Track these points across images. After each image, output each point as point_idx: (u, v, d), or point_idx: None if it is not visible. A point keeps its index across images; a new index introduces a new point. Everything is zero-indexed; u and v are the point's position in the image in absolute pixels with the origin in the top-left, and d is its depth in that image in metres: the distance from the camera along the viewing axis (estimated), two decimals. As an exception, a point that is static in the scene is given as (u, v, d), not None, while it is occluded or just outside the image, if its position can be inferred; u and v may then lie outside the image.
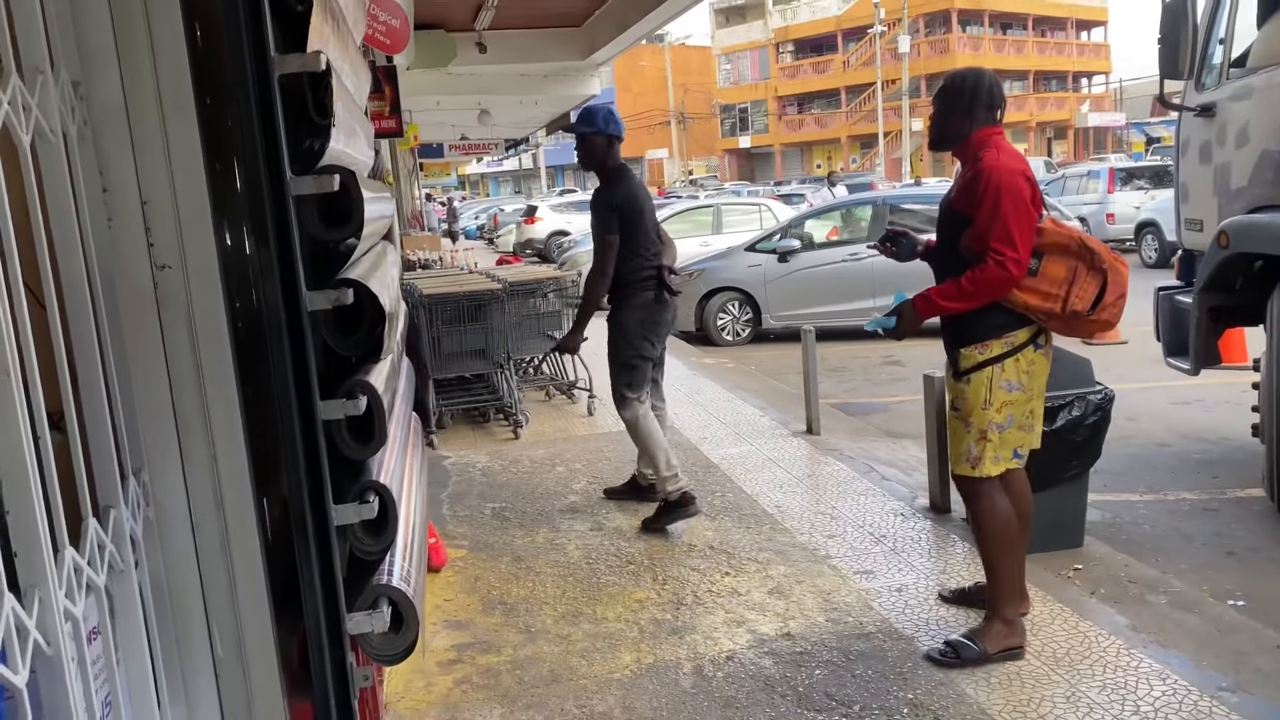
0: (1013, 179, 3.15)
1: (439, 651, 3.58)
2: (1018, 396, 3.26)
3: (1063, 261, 3.18)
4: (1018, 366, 3.23)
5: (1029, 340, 3.24)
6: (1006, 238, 3.11)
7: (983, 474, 3.30)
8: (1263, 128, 4.81)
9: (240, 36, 1.46)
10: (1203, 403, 6.86)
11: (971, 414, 3.28)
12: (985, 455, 3.28)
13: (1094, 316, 3.20)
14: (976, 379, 3.25)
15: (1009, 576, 3.36)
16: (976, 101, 3.29)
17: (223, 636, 1.58)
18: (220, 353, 1.52)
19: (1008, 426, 3.28)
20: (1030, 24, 49.90)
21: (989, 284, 3.15)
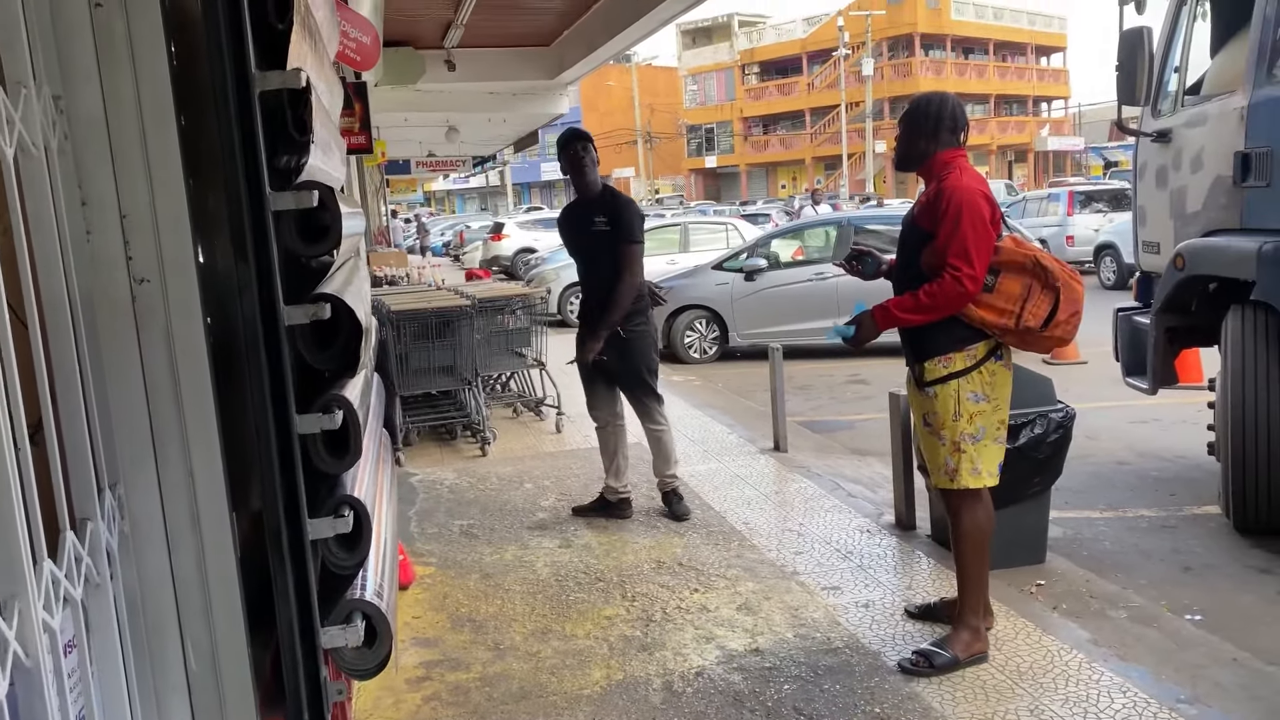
0: (973, 198, 3.25)
1: (407, 669, 3.57)
2: (985, 407, 3.35)
3: (1018, 279, 3.27)
4: (981, 378, 3.33)
5: (989, 353, 3.34)
6: (964, 254, 3.21)
7: (961, 485, 3.37)
8: (1216, 153, 4.94)
9: (221, 53, 1.47)
10: (1160, 422, 6.99)
11: (944, 427, 3.36)
12: (961, 467, 3.36)
13: (1047, 333, 3.29)
14: (944, 392, 3.33)
15: (975, 586, 3.44)
16: (940, 124, 3.39)
17: (196, 650, 1.58)
18: (197, 366, 1.53)
19: (981, 438, 3.35)
20: (991, 49, 50.75)
21: (945, 298, 3.25)
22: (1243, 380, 4.57)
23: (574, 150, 4.90)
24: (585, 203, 4.99)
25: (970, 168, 3.41)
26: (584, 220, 4.96)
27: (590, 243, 4.95)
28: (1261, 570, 4.41)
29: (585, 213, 4.96)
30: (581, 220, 4.98)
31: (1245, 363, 4.57)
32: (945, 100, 3.45)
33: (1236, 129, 4.71)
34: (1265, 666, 3.41)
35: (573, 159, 4.90)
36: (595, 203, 4.94)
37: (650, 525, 5.06)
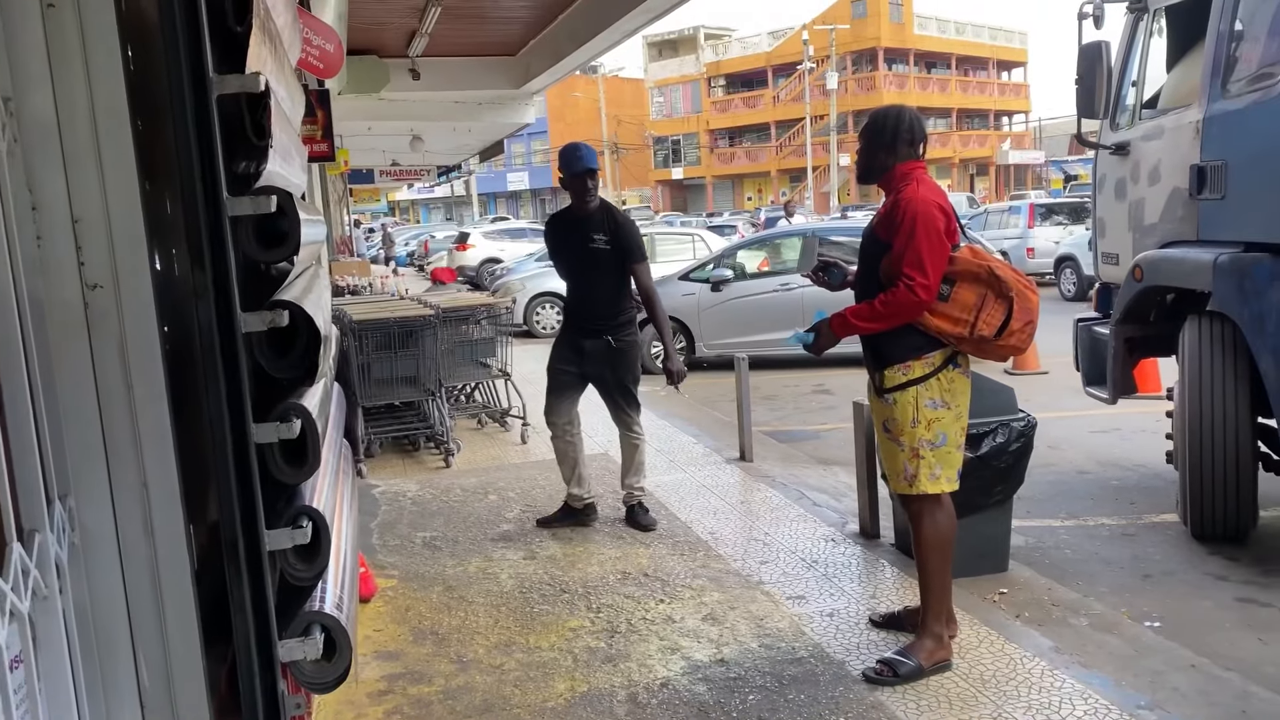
0: (929, 210, 3.30)
1: (369, 682, 3.52)
2: (943, 414, 3.38)
3: (973, 289, 3.32)
4: (939, 385, 3.37)
5: (946, 361, 3.38)
6: (918, 264, 3.25)
7: (920, 491, 3.40)
8: (1173, 166, 5.02)
9: (178, 55, 1.45)
10: (1120, 431, 7.08)
11: (903, 433, 3.39)
12: (920, 473, 3.39)
13: (1001, 341, 3.33)
14: (902, 399, 3.37)
15: (944, 592, 3.46)
16: (898, 138, 3.45)
17: (149, 665, 1.54)
18: (152, 374, 1.49)
19: (940, 444, 3.38)
20: (953, 63, 51.43)
21: (900, 307, 3.30)
22: (1199, 390, 4.64)
23: (583, 183, 4.94)
24: (582, 218, 5.00)
25: (928, 179, 3.46)
26: (581, 236, 4.97)
27: (589, 259, 4.96)
28: (1218, 577, 4.47)
29: (582, 229, 4.98)
30: (578, 236, 4.99)
31: (1202, 372, 4.64)
32: (903, 114, 3.50)
33: (1192, 142, 4.80)
34: (1222, 672, 3.45)
35: (580, 190, 4.96)
36: (593, 219, 4.98)
37: (616, 536, 5.04)
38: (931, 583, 3.46)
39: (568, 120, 52.90)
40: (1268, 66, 4.41)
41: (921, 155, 3.49)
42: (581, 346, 5.05)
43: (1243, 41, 4.68)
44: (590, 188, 4.97)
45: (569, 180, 4.98)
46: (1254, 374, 4.40)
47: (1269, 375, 4.23)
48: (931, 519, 3.44)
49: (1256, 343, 4.29)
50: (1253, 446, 4.61)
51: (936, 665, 3.38)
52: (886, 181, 3.48)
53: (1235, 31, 4.69)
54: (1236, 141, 4.55)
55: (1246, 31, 4.67)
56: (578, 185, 4.96)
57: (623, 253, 4.96)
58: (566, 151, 5.04)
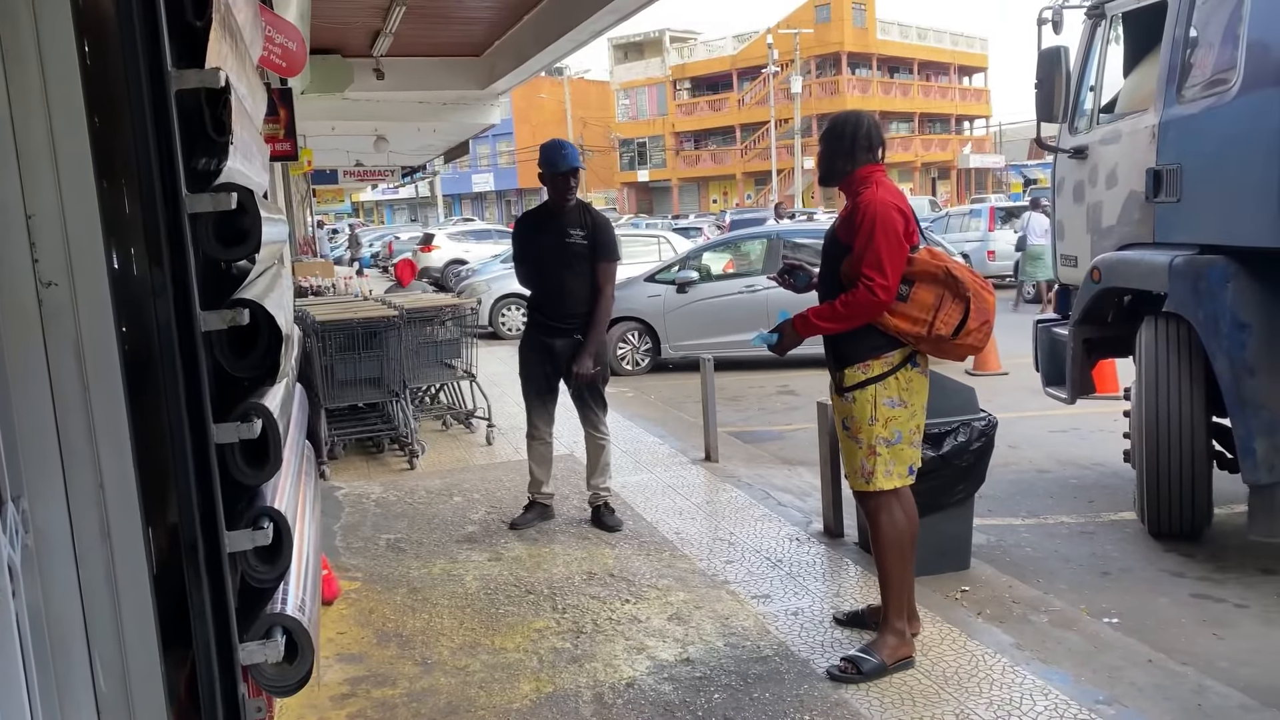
0: (887, 212, 3.36)
1: (332, 685, 3.49)
2: (901, 412, 3.43)
3: (931, 289, 3.37)
4: (897, 384, 3.42)
5: (905, 360, 3.43)
6: (877, 265, 3.31)
7: (876, 487, 3.45)
8: (1129, 170, 5.10)
9: (135, 50, 1.43)
10: (1078, 430, 7.18)
11: (860, 430, 3.44)
12: (877, 469, 3.44)
13: (959, 341, 3.38)
14: (861, 397, 3.42)
15: (903, 589, 3.49)
16: (856, 143, 3.51)
17: (106, 670, 1.52)
18: (108, 373, 1.47)
19: (896, 442, 3.43)
20: (915, 68, 51.91)
21: (860, 307, 3.35)
22: (1156, 390, 4.72)
23: (566, 181, 4.96)
24: (558, 214, 5.00)
25: (887, 182, 3.52)
26: (557, 232, 4.96)
27: (566, 254, 4.95)
28: (1175, 574, 4.55)
29: (559, 224, 4.97)
30: (554, 231, 4.97)
31: (1158, 373, 4.72)
32: (861, 120, 3.56)
33: (1148, 146, 4.88)
34: (1178, 667, 3.51)
35: (562, 188, 4.96)
36: (570, 216, 4.99)
37: (582, 537, 5.03)
38: (891, 580, 3.49)
39: (533, 122, 52.77)
40: (1221, 72, 4.50)
41: (880, 159, 3.56)
42: (551, 347, 5.03)
43: (1197, 48, 4.76)
44: (572, 186, 4.96)
45: (551, 177, 4.96)
46: (1209, 374, 4.48)
47: (1223, 375, 4.31)
48: (889, 516, 3.48)
49: (1211, 344, 4.37)
50: (1207, 446, 4.69)
51: (899, 662, 3.41)
52: (847, 185, 3.54)
53: (1190, 38, 4.77)
54: (1191, 146, 4.63)
55: (1201, 38, 4.76)
56: (560, 183, 4.94)
57: (599, 249, 4.96)
58: (550, 148, 5.01)
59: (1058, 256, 6.12)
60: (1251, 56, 4.24)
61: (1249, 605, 4.18)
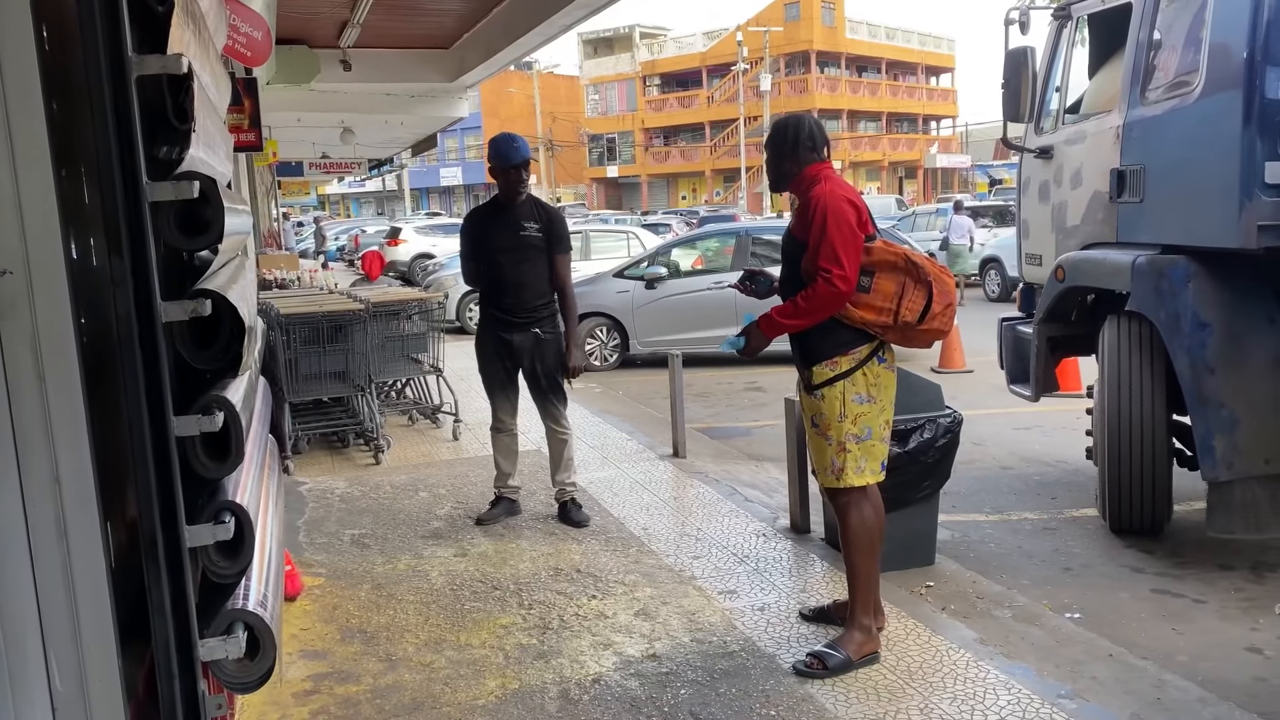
0: (838, 204, 3.38)
1: (295, 682, 3.45)
2: (869, 408, 3.45)
3: (892, 277, 3.39)
4: (865, 380, 3.43)
5: (871, 354, 3.45)
6: (834, 257, 3.32)
7: (846, 484, 3.46)
8: (1094, 170, 5.16)
9: (95, 34, 1.40)
10: (1042, 428, 7.26)
11: (830, 428, 3.45)
12: (847, 466, 3.45)
13: (925, 326, 3.40)
14: (830, 394, 3.43)
15: (865, 584, 3.50)
16: (799, 144, 3.52)
17: (61, 668, 1.49)
18: (66, 364, 1.44)
19: (866, 438, 3.45)
20: (884, 68, 52.24)
21: (821, 300, 3.36)
22: (1118, 388, 4.78)
23: (516, 175, 4.96)
24: (511, 207, 4.98)
25: (836, 177, 3.53)
26: (511, 225, 4.94)
27: (520, 247, 4.93)
28: (1135, 569, 4.61)
29: (512, 218, 4.95)
30: (508, 225, 4.95)
31: (1121, 371, 4.78)
32: (802, 121, 3.58)
33: (1112, 147, 4.94)
34: (1138, 661, 3.56)
35: (513, 181, 4.96)
36: (523, 209, 4.98)
37: (548, 532, 5.01)
38: (859, 576, 3.51)
39: (502, 116, 52.52)
40: (1184, 75, 4.56)
41: (826, 157, 3.57)
42: (509, 341, 5.01)
43: (1161, 50, 4.82)
44: (524, 179, 4.96)
45: (502, 171, 4.94)
46: (1169, 373, 4.54)
47: (1183, 374, 4.37)
48: (859, 512, 3.49)
49: (1172, 342, 4.43)
50: (1168, 443, 4.75)
51: (865, 658, 3.42)
52: (796, 186, 3.55)
53: (1154, 40, 4.83)
54: (1154, 147, 4.69)
55: (1164, 41, 4.82)
56: (511, 177, 4.93)
57: (551, 241, 4.97)
58: (499, 142, 4.99)
59: (1023, 255, 6.18)
60: (1213, 60, 4.30)
61: (1207, 600, 4.24)
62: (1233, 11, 4.23)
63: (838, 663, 3.37)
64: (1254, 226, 4.10)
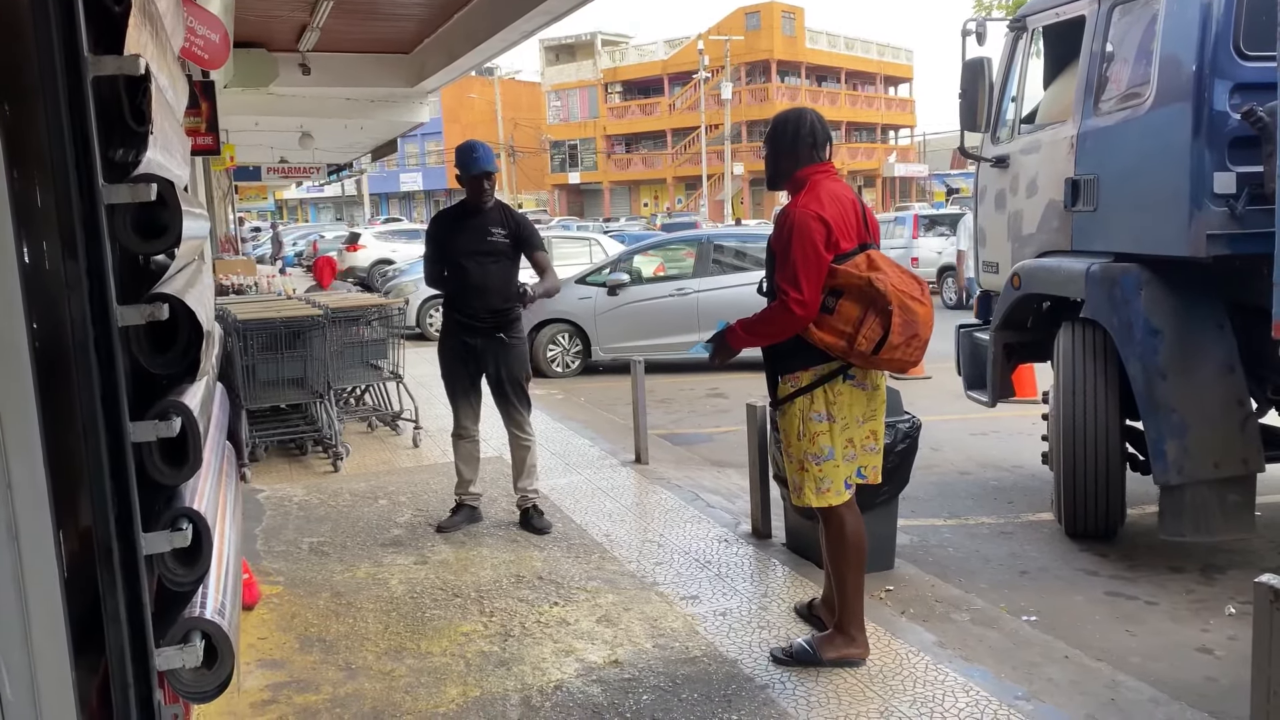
0: (805, 222, 3.26)
1: (252, 692, 3.40)
2: (827, 427, 3.36)
3: (857, 302, 3.24)
4: (825, 398, 3.35)
5: (836, 372, 3.34)
6: (793, 279, 3.24)
7: (805, 503, 3.44)
8: (1048, 179, 5.25)
9: (50, 34, 1.38)
10: (998, 433, 7.36)
11: (790, 445, 3.43)
12: (805, 486, 3.41)
13: (883, 355, 3.21)
14: (790, 410, 3.39)
15: (854, 592, 3.50)
16: (799, 141, 3.43)
17: (13, 676, 1.45)
18: (17, 369, 1.41)
19: (826, 458, 3.37)
20: (843, 77, 52.72)
21: (777, 323, 3.32)
22: (1073, 394, 4.85)
23: (480, 183, 4.96)
24: (477, 214, 5.00)
25: (826, 184, 3.38)
26: (478, 230, 4.96)
27: (487, 252, 4.95)
28: (1090, 572, 4.68)
29: (479, 223, 4.97)
30: (474, 230, 4.97)
31: (1075, 377, 4.85)
32: (804, 116, 3.47)
33: (1067, 157, 5.02)
34: (1092, 662, 3.62)
35: (477, 190, 4.97)
36: (490, 215, 5.00)
37: (510, 539, 4.99)
38: (845, 586, 3.48)
39: (463, 121, 52.34)
40: (1136, 86, 4.65)
41: (826, 157, 3.45)
42: (473, 346, 5.01)
43: (1113, 63, 4.92)
44: (487, 188, 4.96)
45: (468, 180, 4.95)
46: (1123, 379, 4.63)
47: (1136, 380, 4.46)
48: (839, 521, 3.45)
49: (1125, 349, 4.51)
50: (1121, 448, 4.84)
51: (843, 660, 3.43)
52: (793, 186, 3.44)
53: (1107, 53, 4.93)
54: (1107, 157, 4.78)
55: (1117, 53, 4.92)
56: (475, 185, 4.94)
57: (523, 244, 4.99)
58: (463, 151, 5.00)
59: (979, 263, 6.26)
60: (1164, 72, 4.40)
61: (1159, 603, 4.32)
62: (1182, 25, 4.33)
63: (805, 658, 3.45)
64: (1203, 235, 4.20)
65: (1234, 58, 4.19)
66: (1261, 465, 4.46)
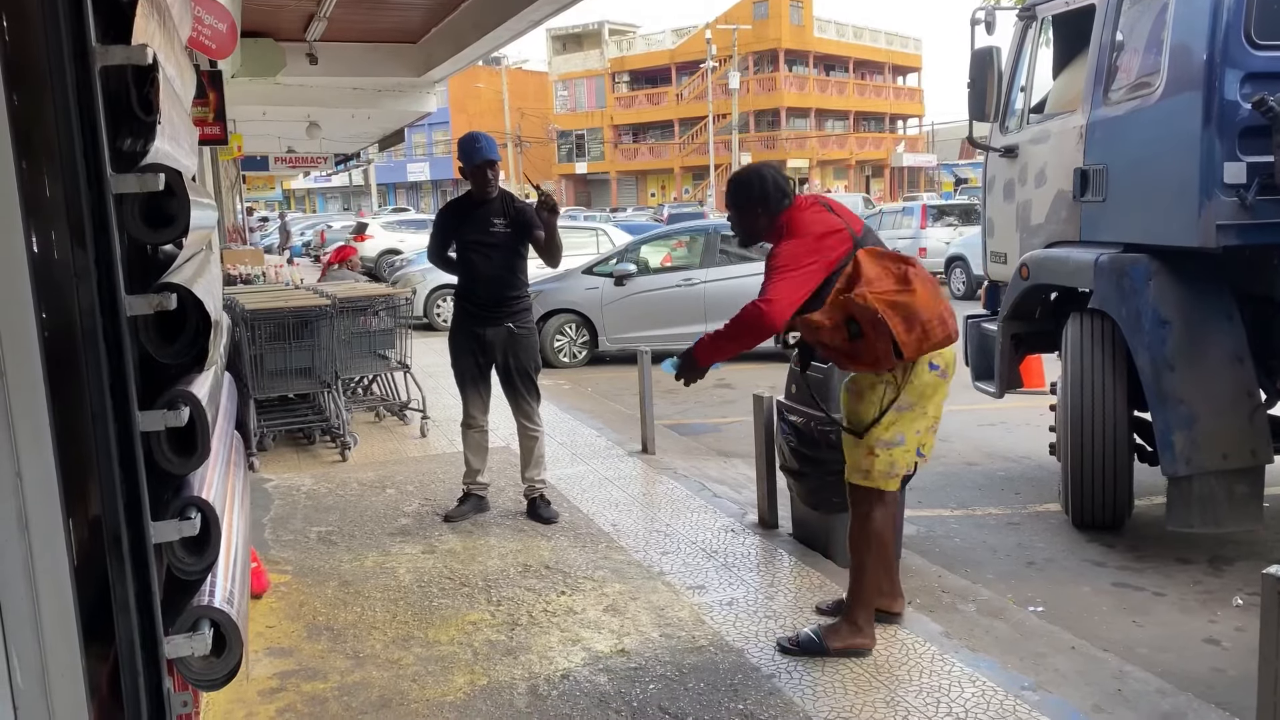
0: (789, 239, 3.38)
1: (261, 680, 3.42)
2: (906, 415, 3.34)
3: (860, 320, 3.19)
4: (909, 387, 3.31)
5: (925, 361, 3.30)
6: (765, 284, 3.31)
7: (872, 484, 3.40)
8: (1057, 169, 5.23)
9: (58, 25, 1.38)
10: (1006, 424, 7.34)
11: (862, 430, 3.36)
12: (874, 469, 3.37)
13: (909, 357, 3.20)
14: (870, 396, 3.34)
15: (872, 583, 3.48)
16: (767, 197, 3.51)
17: (23, 665, 1.46)
18: (28, 359, 1.42)
19: (898, 444, 3.35)
20: (851, 67, 52.53)
21: (745, 325, 3.33)
22: (1081, 384, 4.84)
23: (484, 174, 4.96)
24: (482, 204, 5.01)
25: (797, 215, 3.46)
26: (482, 221, 4.98)
27: (490, 244, 4.98)
28: (1097, 563, 4.68)
29: (483, 215, 4.99)
30: (479, 221, 4.99)
31: (1083, 368, 4.84)
32: (764, 172, 3.57)
33: (1076, 147, 5.00)
34: (1099, 653, 3.61)
35: (481, 180, 4.97)
36: (494, 206, 5.00)
37: (517, 529, 5.01)
38: (863, 574, 3.46)
39: (470, 111, 52.28)
40: (1146, 76, 4.63)
41: (792, 200, 3.52)
42: (482, 336, 5.02)
43: (1123, 52, 4.89)
44: (491, 178, 4.96)
45: (469, 171, 4.96)
46: (1131, 369, 4.61)
47: (1144, 370, 4.44)
48: (869, 509, 3.42)
49: (1133, 339, 4.50)
50: (1129, 439, 4.82)
51: (850, 650, 3.42)
52: (775, 234, 3.50)
53: (1116, 42, 4.90)
54: (1117, 147, 4.76)
55: (1127, 43, 4.89)
56: (478, 176, 4.95)
57: (523, 230, 4.97)
58: (465, 142, 5.01)
59: (987, 253, 6.24)
60: (1174, 61, 4.37)
61: (1166, 594, 4.32)
62: (1193, 14, 4.30)
63: (812, 648, 3.43)
64: (1213, 226, 4.17)
65: (1245, 47, 4.16)
66: (1270, 457, 4.44)
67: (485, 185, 4.96)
